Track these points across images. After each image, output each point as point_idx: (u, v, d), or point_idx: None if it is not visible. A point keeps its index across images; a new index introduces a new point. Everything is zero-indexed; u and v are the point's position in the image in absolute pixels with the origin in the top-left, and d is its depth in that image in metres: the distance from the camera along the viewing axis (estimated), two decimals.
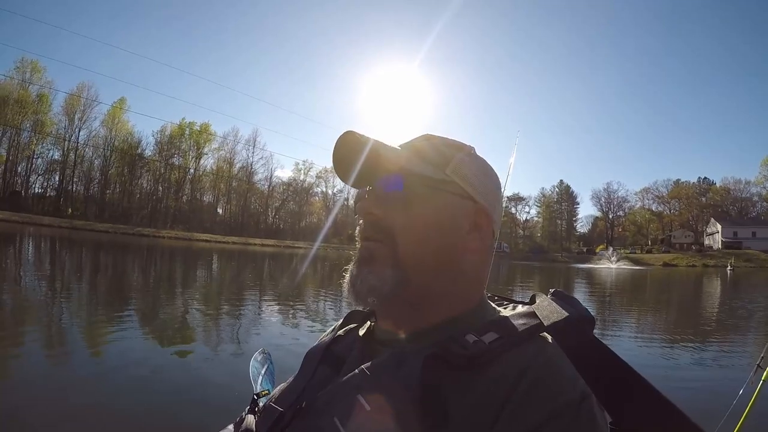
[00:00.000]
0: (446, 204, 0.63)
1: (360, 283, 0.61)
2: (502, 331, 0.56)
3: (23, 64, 64.51)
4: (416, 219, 0.61)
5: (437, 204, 0.62)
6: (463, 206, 0.64)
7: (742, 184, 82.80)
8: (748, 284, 26.71)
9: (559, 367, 0.51)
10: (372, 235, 0.63)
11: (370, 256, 0.62)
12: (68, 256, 19.65)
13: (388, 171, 0.63)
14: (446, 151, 0.66)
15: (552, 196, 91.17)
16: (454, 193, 0.63)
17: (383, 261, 0.61)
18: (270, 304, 10.06)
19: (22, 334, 5.43)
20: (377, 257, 0.61)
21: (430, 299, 0.62)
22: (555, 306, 0.59)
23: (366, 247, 0.63)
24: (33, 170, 68.80)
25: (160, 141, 75.95)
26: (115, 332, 5.81)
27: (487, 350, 0.53)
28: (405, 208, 0.62)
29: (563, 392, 0.48)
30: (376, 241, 0.62)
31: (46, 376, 4.00)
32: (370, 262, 0.62)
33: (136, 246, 32.16)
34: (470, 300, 0.64)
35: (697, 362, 6.18)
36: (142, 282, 12.78)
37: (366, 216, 0.64)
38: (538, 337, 0.56)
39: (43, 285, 9.83)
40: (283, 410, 0.62)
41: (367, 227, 0.64)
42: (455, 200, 0.63)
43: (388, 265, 0.60)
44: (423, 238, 0.61)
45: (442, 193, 0.63)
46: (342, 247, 63.61)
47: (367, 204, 0.64)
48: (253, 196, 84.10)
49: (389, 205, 0.62)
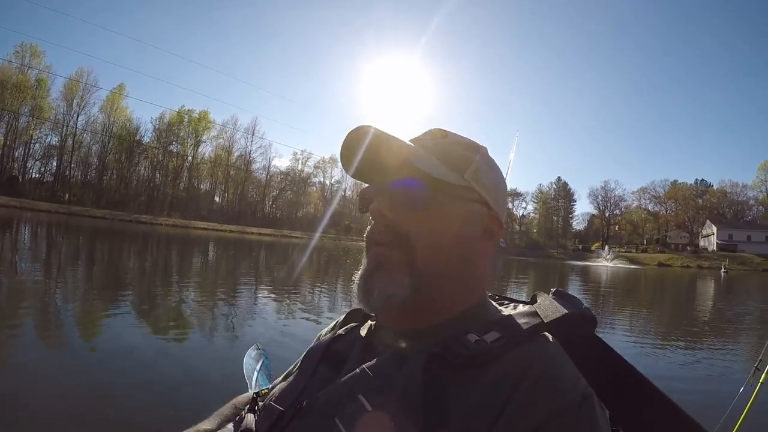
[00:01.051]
0: (465, 211, 0.62)
1: (376, 291, 0.60)
2: (503, 331, 0.56)
3: (23, 48, 63.81)
4: (435, 226, 0.60)
5: (457, 211, 0.61)
6: (479, 212, 0.63)
7: (738, 187, 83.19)
8: (741, 288, 26.85)
9: (561, 367, 0.51)
10: (387, 241, 0.61)
11: (386, 262, 0.60)
12: (68, 242, 19.57)
13: (408, 172, 0.61)
14: (465, 153, 0.65)
15: (549, 192, 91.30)
16: (471, 199, 0.63)
17: (400, 268, 0.59)
18: (274, 295, 9.99)
19: (21, 319, 5.40)
20: (394, 264, 0.60)
21: (438, 304, 0.61)
22: (556, 305, 0.59)
23: (381, 253, 0.61)
24: (30, 155, 68.36)
25: (159, 128, 75.52)
26: (122, 319, 5.83)
27: (488, 350, 0.53)
28: (424, 214, 0.60)
29: (564, 392, 0.48)
30: (391, 246, 0.61)
31: (37, 364, 3.96)
32: (387, 269, 0.60)
33: (135, 233, 32.09)
34: (472, 300, 0.64)
35: (695, 363, 6.20)
36: (146, 269, 12.72)
37: (381, 219, 0.62)
38: (539, 337, 0.56)
39: (45, 272, 9.80)
40: (284, 409, 0.61)
41: (381, 231, 0.62)
42: (473, 207, 0.63)
43: (405, 273, 0.59)
44: (441, 245, 0.60)
45: (462, 200, 0.62)
46: (339, 238, 63.84)
47: (382, 206, 0.62)
48: (251, 185, 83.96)
49: (407, 210, 0.61)
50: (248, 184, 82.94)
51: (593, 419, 0.48)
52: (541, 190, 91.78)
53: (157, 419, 3.10)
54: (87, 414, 3.06)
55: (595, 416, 0.48)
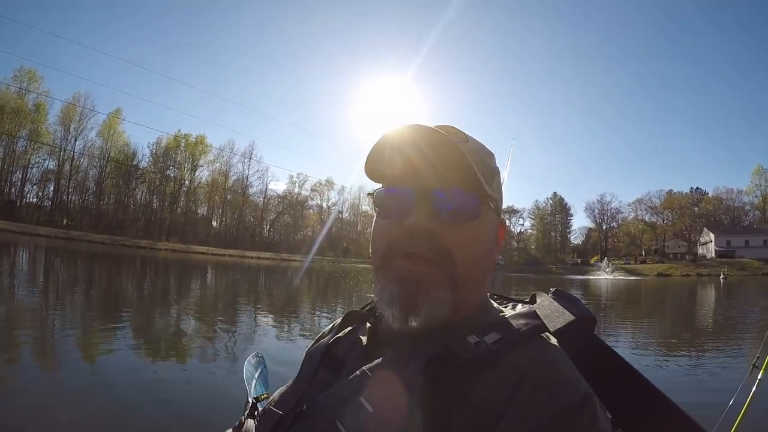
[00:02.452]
0: (490, 222, 0.62)
1: (424, 310, 0.57)
2: (504, 332, 0.55)
3: (21, 72, 64.20)
4: (476, 239, 0.59)
5: (486, 222, 0.61)
6: (495, 222, 0.64)
7: (734, 193, 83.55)
8: (740, 292, 27.00)
9: (561, 368, 0.51)
10: (427, 255, 0.58)
11: (427, 280, 0.57)
12: (71, 267, 19.59)
13: (457, 179, 0.58)
14: (489, 162, 0.64)
15: (546, 208, 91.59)
16: (494, 210, 0.62)
17: (442, 285, 0.57)
18: (283, 319, 10.06)
19: (21, 344, 5.46)
20: (435, 281, 0.57)
21: (461, 312, 0.61)
22: (556, 305, 0.59)
23: (421, 270, 0.57)
24: (28, 179, 68.24)
25: (156, 152, 75.79)
26: (134, 343, 5.91)
27: (489, 351, 0.53)
28: (466, 227, 0.59)
29: (565, 394, 0.48)
30: (433, 263, 0.57)
31: (36, 387, 3.97)
32: (428, 287, 0.57)
33: (135, 258, 32.00)
34: (474, 302, 0.63)
35: (693, 363, 6.27)
36: (154, 294, 12.84)
37: (425, 233, 0.58)
38: (539, 338, 0.55)
39: (57, 298, 9.87)
40: (284, 413, 0.61)
41: (427, 246, 0.58)
42: (494, 217, 0.63)
43: (447, 289, 0.57)
44: (478, 259, 0.60)
45: (492, 211, 0.62)
46: (337, 260, 63.61)
47: (423, 219, 0.58)
48: (248, 209, 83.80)
49: (454, 222, 0.58)
50: (245, 207, 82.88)
51: (594, 420, 0.47)
52: (538, 206, 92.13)
53: None
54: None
55: (596, 417, 0.48)
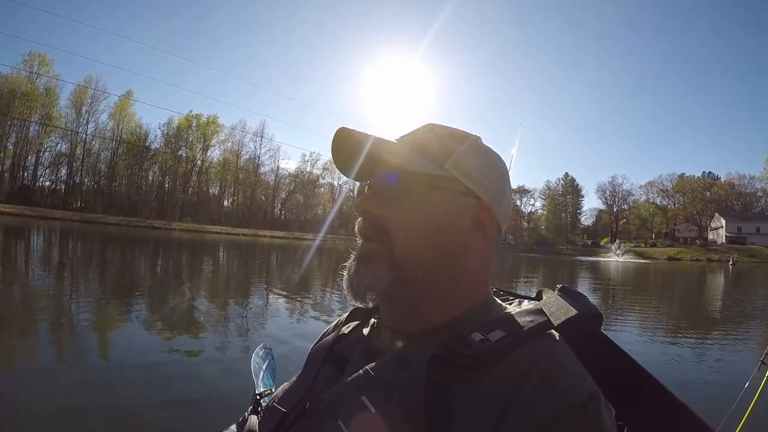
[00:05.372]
0: (444, 202, 0.61)
1: (356, 281, 0.61)
2: (508, 329, 0.55)
3: (31, 57, 64.46)
4: (412, 218, 0.60)
5: (434, 202, 0.61)
6: (463, 204, 0.62)
7: (746, 179, 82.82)
8: (749, 280, 26.62)
9: (567, 365, 0.50)
10: (369, 234, 0.62)
11: (366, 254, 0.62)
12: (92, 249, 20.01)
13: (386, 167, 0.62)
14: (448, 143, 0.64)
15: (557, 188, 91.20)
16: (453, 190, 0.61)
17: (379, 260, 0.60)
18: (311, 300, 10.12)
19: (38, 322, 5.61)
20: (374, 256, 0.61)
21: (430, 299, 0.61)
22: (562, 302, 0.58)
23: (363, 246, 0.63)
24: (40, 163, 69.18)
25: (167, 133, 76.09)
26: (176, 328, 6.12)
27: (493, 349, 0.52)
28: (401, 207, 0.61)
29: (570, 392, 0.48)
30: (372, 239, 0.62)
31: (50, 370, 4.04)
32: (367, 261, 0.61)
33: (151, 238, 32.40)
34: (475, 298, 0.63)
35: (700, 358, 6.22)
36: (178, 275, 13.12)
37: (363, 213, 0.64)
38: (545, 335, 0.55)
39: (88, 282, 10.20)
40: (287, 411, 0.62)
41: (364, 225, 0.63)
42: (454, 197, 0.62)
43: (384, 264, 0.60)
44: (419, 237, 0.60)
45: (440, 190, 0.61)
46: (349, 239, 63.74)
47: (363, 202, 0.64)
48: (260, 188, 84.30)
49: (385, 203, 0.62)
50: (257, 186, 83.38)
51: (599, 419, 0.47)
52: (549, 186, 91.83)
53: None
54: (93, 424, 3.11)
55: (601, 416, 0.47)
